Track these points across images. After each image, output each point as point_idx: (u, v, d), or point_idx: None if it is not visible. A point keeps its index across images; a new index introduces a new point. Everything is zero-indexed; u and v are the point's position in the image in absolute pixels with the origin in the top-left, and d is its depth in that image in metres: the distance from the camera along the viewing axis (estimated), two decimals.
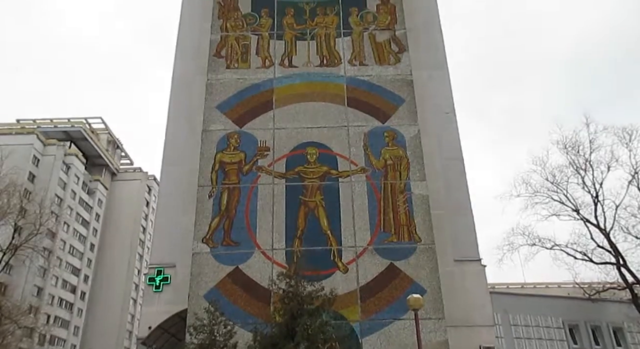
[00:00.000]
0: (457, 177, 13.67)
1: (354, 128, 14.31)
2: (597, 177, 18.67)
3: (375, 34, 16.09)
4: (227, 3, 16.74)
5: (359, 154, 13.91)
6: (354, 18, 16.42)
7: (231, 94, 14.95)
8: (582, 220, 18.13)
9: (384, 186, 13.50)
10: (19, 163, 36.17)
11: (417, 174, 13.58)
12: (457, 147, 14.29)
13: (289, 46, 15.92)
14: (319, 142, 14.13)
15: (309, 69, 15.46)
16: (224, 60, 15.67)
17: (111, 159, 62.43)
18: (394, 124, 14.35)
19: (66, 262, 48.85)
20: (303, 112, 14.59)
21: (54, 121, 57.18)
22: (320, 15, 16.45)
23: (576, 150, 18.62)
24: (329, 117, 14.50)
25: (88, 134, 56.06)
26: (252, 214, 13.26)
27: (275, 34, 16.11)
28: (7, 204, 24.64)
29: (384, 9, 16.61)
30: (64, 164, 51.88)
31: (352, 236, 12.88)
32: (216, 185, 13.62)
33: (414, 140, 14.09)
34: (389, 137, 14.13)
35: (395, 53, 15.70)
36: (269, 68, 15.46)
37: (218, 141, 14.24)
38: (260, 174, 13.68)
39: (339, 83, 15.17)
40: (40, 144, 50.70)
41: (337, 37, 16.05)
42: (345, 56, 15.65)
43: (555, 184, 18.59)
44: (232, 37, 16.12)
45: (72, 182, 52.68)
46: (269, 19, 16.35)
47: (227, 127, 14.43)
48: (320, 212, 13.21)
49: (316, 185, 13.55)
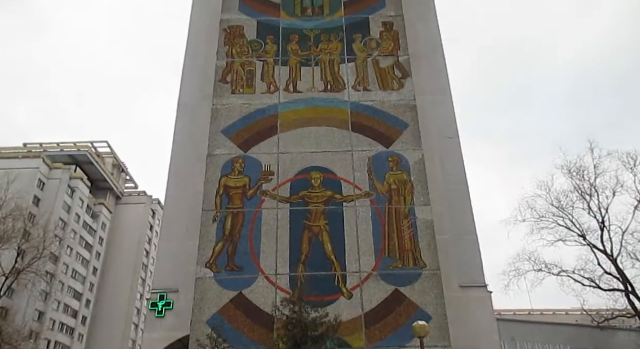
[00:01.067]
0: (462, 201, 13.62)
1: (358, 153, 14.35)
2: (602, 202, 18.61)
3: (378, 60, 16.28)
4: (233, 30, 17.02)
5: (363, 179, 13.92)
6: (357, 44, 16.64)
7: (236, 118, 15.08)
8: (588, 245, 17.99)
9: (388, 211, 13.46)
10: (24, 187, 36.38)
11: (422, 198, 13.55)
12: (461, 171, 14.29)
13: (293, 72, 16.11)
14: (323, 166, 14.17)
15: (313, 94, 15.61)
16: (230, 85, 15.86)
17: (116, 183, 62.68)
18: (398, 149, 14.39)
19: (68, 286, 48.54)
20: (307, 136, 14.68)
21: (60, 144, 57.70)
22: (324, 42, 16.69)
23: (581, 175, 18.63)
24: (333, 141, 14.57)
25: (94, 158, 56.42)
26: (256, 238, 13.21)
27: (280, 60, 16.33)
28: (11, 228, 24.68)
29: (387, 35, 16.84)
30: (69, 187, 52.07)
31: (357, 261, 12.78)
32: (220, 209, 13.62)
33: (418, 164, 14.11)
34: (393, 162, 14.15)
35: (399, 78, 15.86)
36: (273, 93, 15.62)
37: (223, 165, 14.30)
38: (265, 198, 13.68)
39: (343, 108, 15.29)
40: (45, 167, 51.02)
41: (341, 63, 16.24)
42: (349, 82, 15.81)
43: (560, 209, 18.53)
44: (237, 63, 16.34)
45: (77, 206, 52.79)
46: (273, 46, 16.59)
47: (231, 151, 14.51)
48: (325, 236, 13.15)
49: (320, 209, 13.52)
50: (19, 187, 29.99)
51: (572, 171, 18.83)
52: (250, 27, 16.99)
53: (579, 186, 18.90)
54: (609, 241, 18.21)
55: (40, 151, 54.18)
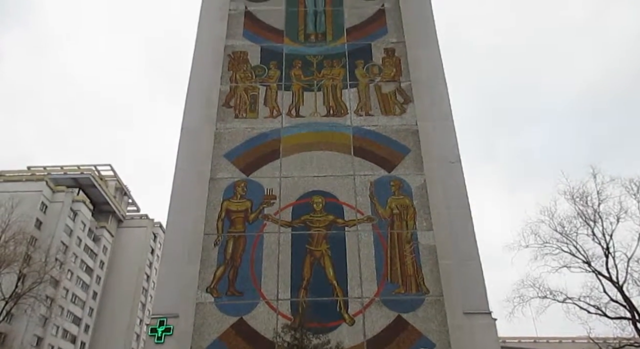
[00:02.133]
0: (464, 226, 13.52)
1: (360, 177, 14.36)
2: (606, 228, 18.45)
3: (380, 85, 16.42)
4: (237, 56, 17.25)
5: (365, 203, 13.88)
6: (360, 70, 16.81)
7: (239, 142, 15.16)
8: (593, 272, 17.77)
9: (390, 236, 13.38)
10: (27, 210, 36.44)
11: (424, 223, 13.48)
12: (464, 196, 14.21)
13: (296, 97, 16.24)
14: (325, 191, 14.16)
15: (316, 118, 15.71)
16: (233, 110, 15.98)
17: (118, 206, 62.71)
18: (400, 174, 14.40)
19: (67, 311, 48.02)
20: (309, 161, 14.71)
21: (64, 168, 57.98)
22: (327, 68, 16.87)
23: (584, 201, 18.54)
24: (336, 166, 14.60)
25: (97, 181, 56.58)
26: (258, 263, 13.11)
27: (283, 85, 16.49)
28: (13, 252, 24.61)
29: (389, 61, 17.02)
30: (71, 210, 52.10)
31: (359, 286, 12.64)
32: (222, 233, 13.56)
33: (420, 189, 14.08)
34: (395, 187, 14.14)
35: (401, 104, 15.96)
36: (276, 118, 15.74)
37: (225, 189, 14.31)
38: (266, 222, 13.63)
39: (346, 133, 15.37)
40: (49, 190, 51.16)
41: (343, 88, 16.38)
42: (351, 107, 15.92)
43: (564, 235, 18.38)
44: (241, 88, 16.51)
45: (79, 229, 52.69)
46: (277, 71, 16.78)
47: (234, 175, 14.54)
48: (327, 261, 13.04)
49: (322, 234, 13.45)
50: (22, 210, 30.04)
51: (575, 197, 18.77)
52: (254, 53, 17.22)
53: (582, 211, 18.81)
54: (615, 268, 18.01)
55: (44, 174, 54.45)
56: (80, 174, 58.56)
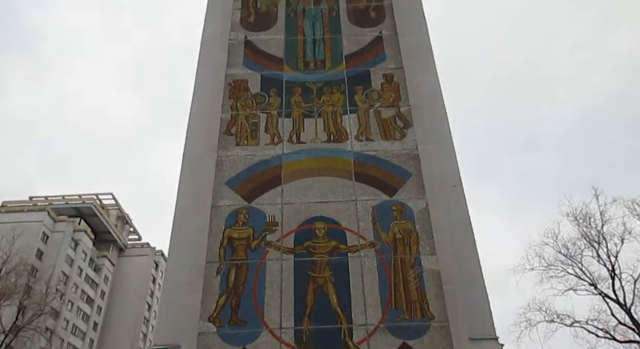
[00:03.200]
0: (468, 250, 13.42)
1: (362, 202, 14.33)
2: (611, 249, 18.44)
3: (380, 110, 16.53)
4: (237, 84, 17.44)
5: (367, 228, 13.81)
6: (359, 96, 16.95)
7: (240, 170, 15.20)
8: (600, 295, 17.63)
9: (393, 261, 13.27)
10: (29, 240, 36.39)
11: (427, 248, 13.39)
12: (466, 220, 14.15)
13: (297, 123, 16.34)
14: (327, 216, 14.10)
15: (317, 144, 15.77)
16: (234, 137, 16.06)
17: (120, 235, 62.49)
18: (402, 198, 14.37)
19: (68, 343, 47.39)
20: (311, 187, 14.71)
21: (65, 197, 58.17)
22: (326, 94, 17.01)
23: (587, 222, 18.55)
24: (337, 191, 14.59)
25: (98, 210, 56.55)
26: (260, 291, 12.96)
27: (283, 112, 16.61)
28: (13, 284, 24.46)
29: (388, 87, 17.17)
30: (73, 240, 51.94)
31: (363, 313, 12.47)
32: (224, 261, 13.45)
33: (422, 213, 14.04)
34: (397, 211, 14.09)
35: (401, 128, 16.04)
36: (277, 144, 15.80)
37: (227, 217, 14.26)
38: (269, 249, 13.54)
39: (347, 158, 15.41)
40: (50, 220, 51.15)
41: (343, 114, 16.48)
42: (351, 132, 15.99)
43: (569, 257, 18.34)
44: (242, 115, 16.63)
45: (80, 259, 52.40)
46: (277, 98, 16.92)
47: (236, 202, 14.52)
48: (330, 288, 12.89)
49: (325, 260, 13.34)
50: (23, 241, 30.03)
51: (579, 218, 18.76)
52: (254, 81, 17.40)
53: (586, 233, 18.78)
54: (621, 289, 17.88)
55: (46, 204, 54.59)
56: (81, 203, 58.64)
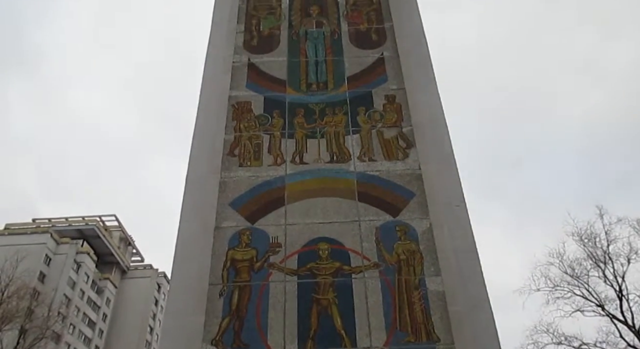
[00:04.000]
0: (473, 271, 13.30)
1: (366, 223, 14.28)
2: (618, 270, 18.33)
3: (382, 131, 16.59)
4: (241, 106, 17.57)
5: (371, 249, 13.72)
6: (361, 117, 17.04)
7: (243, 191, 15.20)
8: (608, 316, 17.39)
9: (398, 282, 13.13)
10: (31, 263, 36.30)
11: (432, 268, 13.27)
12: (471, 240, 14.07)
13: (299, 144, 16.40)
14: (330, 237, 14.02)
15: (320, 165, 15.79)
16: (237, 158, 16.11)
17: (122, 257, 62.36)
18: (405, 218, 14.32)
19: None
20: (314, 207, 14.68)
21: (68, 219, 58.17)
22: (329, 115, 17.10)
23: (593, 242, 18.43)
24: (340, 212, 14.55)
25: (101, 232, 56.47)
26: (264, 313, 12.82)
27: (286, 133, 16.69)
28: (15, 308, 24.32)
29: (390, 107, 17.26)
30: (75, 262, 51.82)
31: (367, 335, 12.29)
32: (227, 283, 13.35)
33: (426, 234, 13.96)
34: (400, 232, 14.02)
35: (403, 148, 16.07)
36: (280, 165, 15.82)
37: (230, 238, 14.20)
38: (272, 271, 13.44)
39: (350, 178, 15.39)
40: (53, 243, 51.15)
41: (346, 134, 16.55)
42: (354, 152, 16.03)
43: (575, 278, 18.21)
44: (245, 137, 16.71)
45: (82, 281, 52.22)
46: (280, 120, 17.02)
47: (239, 224, 14.48)
48: (334, 310, 12.74)
49: (329, 282, 13.22)
50: (26, 264, 30.00)
51: (584, 238, 18.65)
52: (257, 103, 17.55)
53: (592, 253, 18.66)
54: (629, 311, 17.64)
55: (49, 226, 54.60)
56: (85, 225, 58.69)
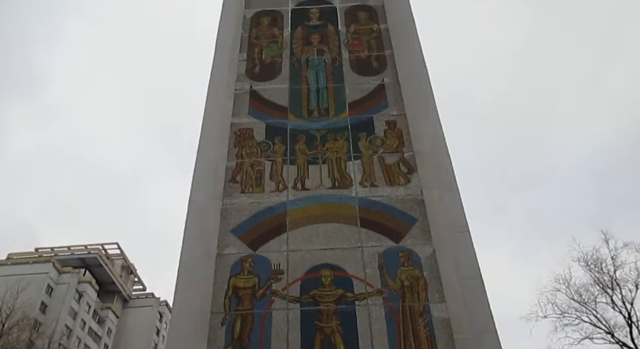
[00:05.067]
0: (478, 297, 13.11)
1: (368, 249, 14.17)
2: (626, 295, 17.97)
3: (384, 156, 16.61)
4: (243, 132, 17.67)
5: (374, 276, 13.57)
6: (363, 143, 17.09)
7: (245, 217, 15.15)
8: (618, 344, 17.00)
9: (402, 309, 12.94)
10: (33, 294, 36.03)
11: (436, 295, 13.09)
12: (475, 266, 13.91)
13: (301, 170, 16.42)
14: (333, 264, 13.90)
15: (322, 191, 15.78)
16: (239, 185, 16.12)
17: (124, 286, 61.86)
18: (408, 244, 14.20)
19: None
20: (316, 234, 14.60)
21: (71, 248, 57.94)
22: (330, 141, 17.16)
23: (599, 267, 18.18)
24: (343, 238, 14.46)
25: (103, 261, 56.12)
26: (266, 342, 12.60)
27: (288, 159, 16.73)
28: (16, 339, 23.98)
29: (391, 133, 17.31)
30: (77, 292, 51.37)
31: None
32: (229, 311, 13.18)
33: (429, 260, 13.83)
34: (404, 258, 13.89)
35: (405, 174, 16.06)
36: (282, 192, 15.82)
37: (232, 265, 14.09)
38: (274, 298, 13.28)
39: (352, 204, 15.35)
40: (55, 272, 50.79)
41: (347, 160, 16.57)
42: (356, 178, 16.02)
43: (582, 304, 17.89)
44: (247, 163, 16.76)
45: (83, 311, 51.63)
46: (282, 146, 17.09)
47: (241, 251, 14.39)
48: (337, 338, 12.53)
49: (332, 309, 13.04)
50: (28, 294, 29.73)
51: (590, 264, 18.40)
52: (259, 130, 17.66)
53: (598, 279, 18.39)
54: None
55: (51, 255, 54.32)
56: (87, 253, 58.39)
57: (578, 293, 18.29)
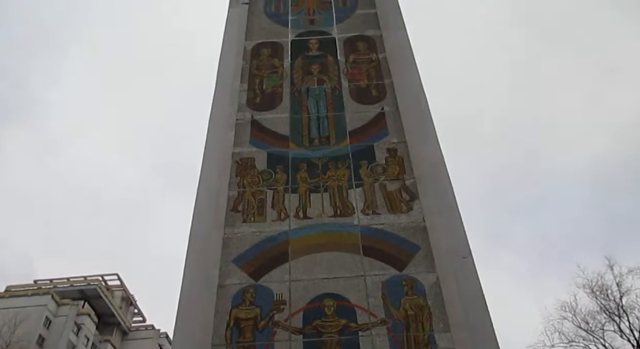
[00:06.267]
0: (483, 326, 12.90)
1: (371, 277, 14.01)
2: (634, 323, 17.67)
3: (385, 184, 16.62)
4: (244, 162, 17.73)
5: (378, 305, 13.37)
6: (364, 170, 17.11)
7: (247, 247, 15.04)
8: None
9: (407, 339, 12.69)
10: (30, 327, 35.48)
11: (441, 324, 12.87)
12: (479, 293, 13.74)
13: (303, 199, 16.39)
14: (336, 293, 13.72)
15: (324, 219, 15.71)
16: (241, 214, 16.06)
17: (124, 318, 60.97)
18: (411, 272, 14.06)
19: None
20: (319, 263, 14.46)
21: (70, 279, 57.34)
22: (332, 169, 17.20)
23: (605, 294, 17.96)
24: (345, 267, 14.32)
25: (103, 292, 55.47)
26: None
27: (289, 188, 16.73)
28: None
29: (392, 160, 17.36)
30: (75, 324, 50.58)
31: None
32: (230, 344, 12.92)
33: (433, 288, 13.65)
34: (407, 286, 13.72)
35: (407, 201, 16.04)
36: (284, 220, 15.75)
37: (233, 296, 13.90)
38: (277, 329, 13.05)
39: (354, 232, 15.26)
40: (54, 304, 50.12)
41: (349, 188, 16.56)
42: (358, 206, 15.99)
43: (590, 332, 17.64)
44: (248, 192, 16.75)
45: (81, 344, 50.75)
46: (283, 175, 17.12)
47: (242, 281, 14.23)
48: None
49: (335, 340, 12.80)
50: (26, 327, 29.27)
51: (595, 290, 18.18)
52: (260, 159, 17.71)
53: (605, 306, 18.12)
54: None
55: (50, 287, 53.71)
56: (86, 285, 57.76)
57: (585, 321, 18.06)
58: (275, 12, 22.82)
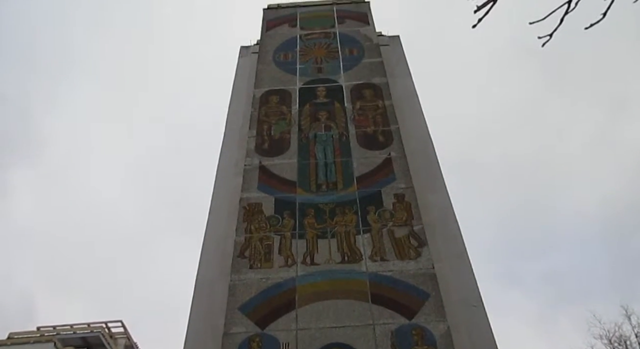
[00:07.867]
0: None
1: (380, 326, 13.68)
2: None
3: (393, 230, 16.49)
4: (251, 207, 17.71)
5: None
6: (372, 216, 17.03)
7: (254, 294, 14.82)
8: None
9: None
10: None
11: None
12: (491, 342, 13.36)
13: (310, 245, 16.26)
14: (344, 342, 13.38)
15: (331, 266, 15.52)
16: (248, 260, 15.92)
17: None
18: (421, 321, 13.72)
19: None
20: (326, 311, 14.18)
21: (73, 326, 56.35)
22: (339, 215, 17.13)
23: (624, 346, 17.33)
24: (353, 315, 14.01)
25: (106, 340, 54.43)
26: None
27: (297, 233, 16.64)
28: None
29: (399, 206, 17.29)
30: None
31: None
32: None
33: (444, 338, 13.28)
34: (417, 336, 13.35)
35: (415, 247, 15.85)
36: (291, 267, 15.58)
37: (239, 345, 13.59)
38: None
39: (362, 279, 15.04)
40: None
41: (356, 234, 16.44)
42: (365, 252, 15.82)
43: None
44: (255, 238, 16.66)
45: None
46: (290, 220, 17.06)
47: (248, 329, 13.94)
48: None
49: None
50: None
51: (613, 341, 17.58)
52: (268, 204, 17.71)
53: None
54: None
55: (53, 334, 52.76)
56: (90, 332, 56.62)
57: None
58: (284, 61, 23.45)
